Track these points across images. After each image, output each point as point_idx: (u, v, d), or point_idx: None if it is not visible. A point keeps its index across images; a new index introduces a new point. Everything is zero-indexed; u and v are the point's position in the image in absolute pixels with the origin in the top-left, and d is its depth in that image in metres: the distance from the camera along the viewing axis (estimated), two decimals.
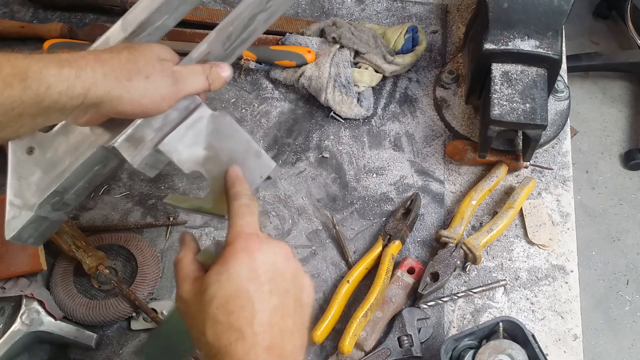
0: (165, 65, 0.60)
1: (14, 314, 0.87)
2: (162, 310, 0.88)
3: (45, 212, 0.67)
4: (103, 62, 0.56)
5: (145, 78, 0.58)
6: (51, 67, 0.52)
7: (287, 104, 1.06)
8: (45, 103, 0.52)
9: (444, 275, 0.88)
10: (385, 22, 1.14)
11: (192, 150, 0.64)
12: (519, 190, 0.94)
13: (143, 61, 0.59)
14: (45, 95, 0.52)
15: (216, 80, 0.65)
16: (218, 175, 0.64)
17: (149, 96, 0.58)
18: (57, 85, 0.52)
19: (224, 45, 0.67)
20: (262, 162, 0.65)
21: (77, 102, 0.54)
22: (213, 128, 0.65)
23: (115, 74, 0.56)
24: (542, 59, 0.87)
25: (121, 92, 0.56)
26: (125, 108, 0.58)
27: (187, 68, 0.63)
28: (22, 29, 1.10)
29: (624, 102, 2.30)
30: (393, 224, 0.93)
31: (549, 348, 0.87)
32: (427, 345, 0.87)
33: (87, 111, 0.57)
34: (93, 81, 0.54)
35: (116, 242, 0.92)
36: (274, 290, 0.52)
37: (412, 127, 1.04)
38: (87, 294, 0.89)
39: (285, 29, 1.10)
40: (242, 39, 0.69)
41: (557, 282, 0.92)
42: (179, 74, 0.61)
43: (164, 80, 0.60)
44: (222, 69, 0.65)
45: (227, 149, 0.64)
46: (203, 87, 0.64)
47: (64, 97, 0.53)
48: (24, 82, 0.51)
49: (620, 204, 2.10)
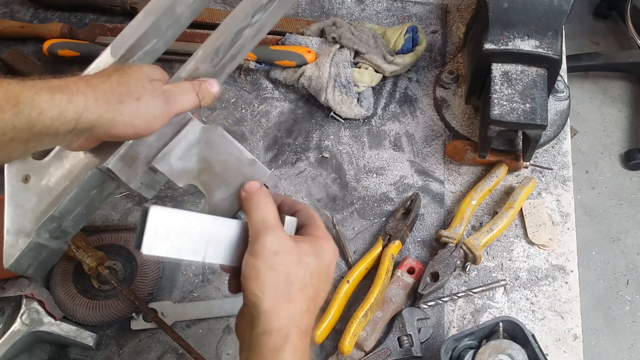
0: (155, 85, 0.61)
1: (14, 314, 0.87)
2: (162, 311, 0.88)
3: (44, 240, 0.67)
4: (94, 87, 0.56)
5: (136, 100, 0.58)
6: (43, 93, 0.53)
7: (287, 104, 1.06)
8: (37, 128, 0.53)
9: (444, 275, 0.88)
10: (385, 22, 1.14)
11: (185, 163, 0.64)
12: (519, 190, 0.94)
13: (133, 83, 0.59)
14: (37, 120, 0.52)
15: (206, 96, 0.66)
16: (213, 186, 0.64)
17: (141, 117, 0.59)
18: (49, 110, 0.53)
19: (212, 61, 0.68)
20: (257, 170, 0.65)
21: (69, 127, 0.55)
22: (205, 141, 0.65)
23: (107, 97, 0.57)
24: (542, 59, 0.87)
25: (113, 116, 0.57)
26: (118, 131, 0.58)
27: (177, 86, 0.64)
28: (22, 29, 1.10)
29: (624, 102, 2.30)
30: (393, 224, 0.93)
31: (549, 348, 0.87)
32: (427, 345, 0.87)
33: (80, 136, 0.58)
34: (85, 106, 0.55)
35: (116, 242, 0.92)
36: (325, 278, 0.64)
37: (412, 127, 1.04)
38: (87, 294, 0.89)
39: (285, 29, 1.10)
40: (230, 55, 0.69)
41: (557, 282, 0.92)
42: (169, 93, 0.62)
43: (155, 100, 0.60)
44: (211, 85, 0.66)
45: (221, 160, 0.65)
46: (193, 104, 0.65)
47: (56, 122, 0.53)
48: (16, 107, 0.51)
49: (620, 204, 2.10)
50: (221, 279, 0.92)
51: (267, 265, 0.58)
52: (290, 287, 0.59)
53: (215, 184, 0.64)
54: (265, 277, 0.58)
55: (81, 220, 0.71)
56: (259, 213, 0.61)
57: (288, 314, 0.58)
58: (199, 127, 0.65)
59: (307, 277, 0.60)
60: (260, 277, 0.58)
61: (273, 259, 0.58)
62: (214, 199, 0.64)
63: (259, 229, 0.60)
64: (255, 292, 0.58)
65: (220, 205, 0.64)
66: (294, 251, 0.60)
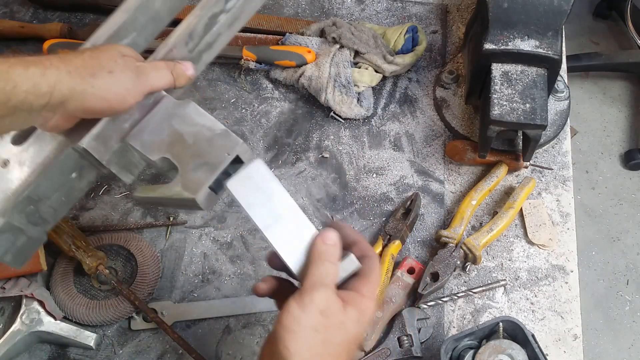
0: (127, 60, 0.62)
1: (14, 314, 0.87)
2: (162, 311, 0.88)
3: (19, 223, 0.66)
4: (67, 62, 0.57)
5: (108, 73, 0.59)
6: (17, 67, 0.53)
7: (287, 104, 1.06)
8: (12, 102, 0.53)
9: (444, 275, 0.88)
10: (385, 22, 1.14)
11: (158, 137, 0.65)
12: (519, 190, 0.94)
13: (106, 58, 0.60)
14: (11, 94, 0.53)
15: (180, 76, 0.66)
16: (186, 159, 0.64)
17: (114, 91, 0.60)
18: (23, 83, 0.53)
19: (187, 45, 0.68)
20: (229, 140, 0.64)
21: (43, 101, 0.55)
22: (178, 114, 0.65)
23: (79, 71, 0.57)
24: (542, 59, 0.87)
25: (85, 87, 0.57)
26: (91, 104, 0.59)
27: (150, 63, 0.65)
28: (22, 29, 1.10)
29: (624, 102, 2.30)
30: (393, 224, 0.93)
31: (549, 348, 0.87)
32: (427, 345, 0.87)
33: (54, 111, 0.58)
34: (57, 79, 0.55)
35: (116, 242, 0.92)
36: None
37: (412, 127, 1.04)
38: (87, 294, 0.89)
39: (285, 29, 1.10)
40: (206, 42, 0.69)
41: (557, 282, 0.92)
42: (142, 68, 0.63)
43: (127, 74, 0.61)
44: (185, 67, 0.67)
45: (192, 132, 0.64)
46: (168, 82, 0.65)
47: (30, 95, 0.54)
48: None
49: (620, 204, 2.10)
50: (221, 279, 0.92)
51: (309, 324, 0.56)
52: (325, 350, 0.56)
53: (187, 156, 0.64)
54: (303, 335, 0.56)
55: (61, 208, 0.70)
56: (324, 269, 0.59)
57: None
58: (171, 102, 0.66)
59: (344, 342, 0.58)
60: (298, 334, 0.56)
61: (317, 318, 0.56)
62: (186, 169, 0.64)
63: (315, 282, 0.58)
64: (288, 346, 0.55)
65: (192, 175, 0.63)
66: (339, 315, 0.58)
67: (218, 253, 0.94)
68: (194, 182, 0.62)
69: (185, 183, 0.63)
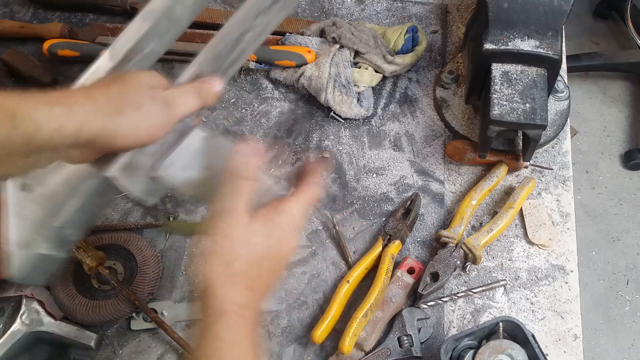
0: (155, 93, 0.59)
1: (14, 314, 0.87)
2: (162, 311, 0.88)
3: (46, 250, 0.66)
4: (93, 99, 0.55)
5: (137, 110, 0.57)
6: (41, 107, 0.52)
7: (287, 104, 1.06)
8: (36, 143, 0.52)
9: (444, 275, 0.88)
10: (385, 22, 1.14)
11: (189, 173, 0.63)
12: (519, 190, 0.94)
13: (133, 92, 0.58)
14: (35, 135, 0.51)
15: (208, 96, 0.64)
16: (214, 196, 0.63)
17: (143, 127, 0.58)
18: (47, 124, 0.51)
19: (213, 66, 0.66)
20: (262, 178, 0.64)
21: (69, 141, 0.53)
22: (208, 149, 0.64)
23: (106, 109, 0.55)
24: (542, 59, 0.87)
25: (114, 127, 0.56)
26: (120, 142, 0.57)
27: (177, 90, 0.62)
28: (22, 29, 1.10)
29: (624, 102, 2.30)
30: (393, 224, 0.93)
31: (549, 348, 0.87)
32: (427, 345, 0.87)
33: (81, 149, 0.56)
34: (85, 119, 0.54)
35: (116, 242, 0.92)
36: None
37: (412, 127, 1.04)
38: (87, 294, 0.89)
39: (285, 29, 1.10)
40: (231, 59, 0.68)
41: (557, 282, 0.92)
42: (170, 99, 0.60)
43: (155, 108, 0.59)
44: (212, 84, 0.65)
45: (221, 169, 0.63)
46: (196, 106, 0.63)
47: (55, 136, 0.52)
48: (13, 122, 0.50)
49: (620, 204, 2.10)
50: None
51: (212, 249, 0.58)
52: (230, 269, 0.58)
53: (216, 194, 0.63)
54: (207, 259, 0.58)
55: (83, 228, 0.70)
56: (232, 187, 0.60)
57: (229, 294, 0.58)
58: (200, 135, 0.64)
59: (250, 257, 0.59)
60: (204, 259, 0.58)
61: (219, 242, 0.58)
62: None
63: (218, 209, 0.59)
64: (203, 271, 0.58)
65: None
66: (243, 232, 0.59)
67: None
68: None
69: None
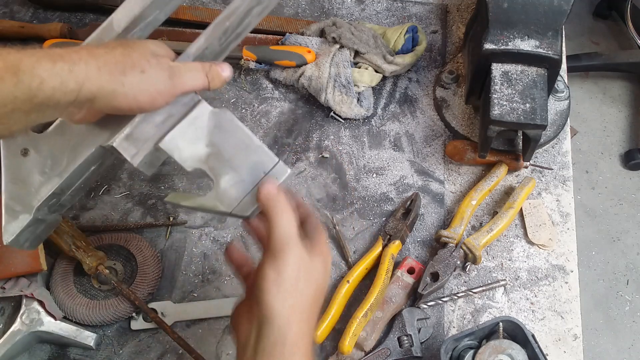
0: (161, 61, 0.60)
1: (14, 314, 0.87)
2: (162, 311, 0.88)
3: (43, 215, 0.66)
4: (97, 57, 0.55)
5: (140, 72, 0.57)
6: (44, 62, 0.52)
7: (287, 104, 1.06)
8: (39, 99, 0.52)
9: (444, 275, 0.88)
10: (385, 22, 1.14)
11: (194, 147, 0.64)
12: (519, 190, 0.94)
13: (138, 56, 0.58)
14: (38, 90, 0.51)
15: (216, 78, 0.64)
16: (221, 172, 0.64)
17: (144, 91, 0.58)
18: (50, 80, 0.51)
19: (220, 40, 0.67)
20: (265, 157, 0.64)
21: (71, 98, 0.53)
22: (214, 125, 0.64)
23: (109, 68, 0.55)
24: (542, 59, 0.87)
25: (115, 87, 0.55)
26: (120, 103, 0.57)
27: (185, 64, 0.62)
28: (22, 29, 1.10)
29: (624, 102, 2.30)
30: (393, 224, 0.93)
31: (549, 348, 0.87)
32: (427, 345, 0.87)
33: (82, 107, 0.57)
34: (87, 76, 0.54)
35: (116, 242, 0.92)
36: None
37: (412, 127, 1.04)
38: (87, 294, 0.89)
39: (285, 29, 1.10)
40: (236, 33, 0.68)
41: (557, 282, 0.92)
42: (176, 69, 0.61)
43: (160, 74, 0.59)
44: (222, 68, 0.64)
45: (229, 146, 0.64)
46: (202, 85, 0.63)
47: (57, 92, 0.52)
48: (16, 77, 0.50)
49: (620, 204, 2.10)
50: (221, 279, 0.92)
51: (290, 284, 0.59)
52: (305, 305, 0.60)
53: (223, 169, 0.64)
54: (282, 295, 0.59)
55: (78, 194, 0.70)
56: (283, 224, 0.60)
57: (301, 329, 0.60)
58: (208, 110, 0.64)
59: (316, 294, 0.62)
60: (281, 295, 0.59)
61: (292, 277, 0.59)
62: (221, 184, 0.64)
63: (282, 243, 0.60)
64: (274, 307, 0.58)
65: (228, 191, 0.64)
66: (310, 269, 0.61)
67: (218, 253, 0.94)
68: (230, 197, 0.63)
69: (220, 198, 0.64)
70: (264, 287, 0.59)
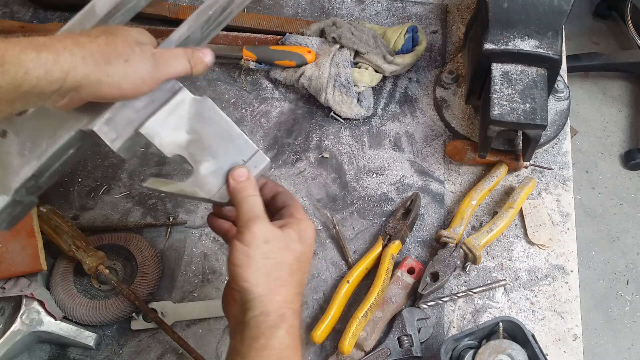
0: (144, 49, 0.60)
1: (14, 314, 0.87)
2: (162, 311, 0.88)
3: (20, 196, 0.66)
4: (81, 46, 0.55)
5: (124, 61, 0.58)
6: (29, 52, 0.52)
7: (287, 104, 1.06)
8: (24, 88, 0.52)
9: (444, 275, 0.88)
10: (385, 22, 1.14)
11: (174, 134, 0.64)
12: (519, 190, 0.94)
13: (122, 45, 0.59)
14: (23, 80, 0.52)
15: (198, 64, 0.65)
16: (200, 159, 0.64)
17: (129, 79, 0.58)
18: (35, 70, 0.52)
19: (202, 28, 0.68)
20: (245, 146, 0.65)
21: (55, 87, 0.54)
22: (195, 112, 0.65)
23: (94, 57, 0.56)
24: (542, 59, 0.87)
25: (100, 76, 0.56)
26: (104, 92, 0.58)
27: (168, 51, 0.63)
28: (22, 29, 1.10)
29: (624, 102, 2.30)
30: (393, 224, 0.93)
31: (549, 348, 0.87)
32: (427, 345, 0.87)
33: (66, 95, 0.57)
34: (72, 65, 0.54)
35: (116, 242, 0.92)
36: None
37: (412, 127, 1.04)
38: (87, 294, 0.89)
39: (285, 29, 1.10)
40: (218, 21, 0.69)
41: (557, 282, 0.92)
42: (159, 57, 0.61)
43: (143, 63, 0.60)
44: (204, 53, 0.65)
45: (210, 133, 0.65)
46: (185, 70, 0.64)
47: (42, 81, 0.53)
48: (1, 67, 0.50)
49: (620, 204, 2.10)
50: (221, 279, 0.92)
51: (259, 254, 0.61)
52: (281, 272, 0.62)
53: (203, 156, 0.64)
54: (258, 264, 0.60)
55: (55, 176, 0.70)
56: (247, 203, 0.63)
57: (282, 297, 0.61)
58: (189, 97, 0.65)
59: (295, 262, 0.63)
60: (253, 265, 0.60)
61: (264, 247, 0.61)
62: (201, 171, 0.64)
63: (248, 219, 0.62)
64: (248, 279, 0.60)
65: (207, 177, 0.64)
66: (282, 238, 0.63)
67: (218, 253, 0.94)
68: (209, 184, 0.64)
69: (200, 184, 0.65)
70: (234, 261, 0.61)
